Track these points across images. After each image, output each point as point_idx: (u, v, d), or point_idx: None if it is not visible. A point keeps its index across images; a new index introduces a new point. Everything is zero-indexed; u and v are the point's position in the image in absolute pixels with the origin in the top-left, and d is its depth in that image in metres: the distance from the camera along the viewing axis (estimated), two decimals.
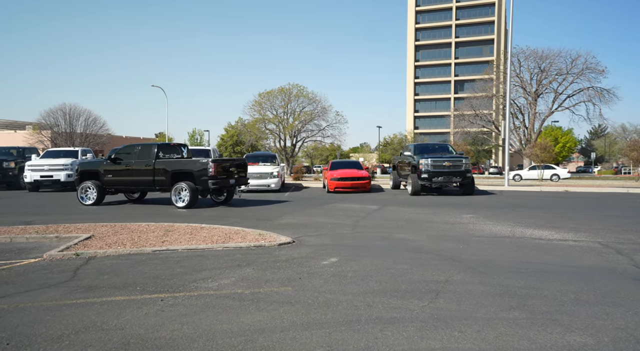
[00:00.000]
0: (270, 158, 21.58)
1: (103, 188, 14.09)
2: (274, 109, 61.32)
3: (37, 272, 5.43)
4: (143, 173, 13.59)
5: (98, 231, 8.63)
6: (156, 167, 13.47)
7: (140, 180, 13.71)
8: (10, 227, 8.87)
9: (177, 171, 13.41)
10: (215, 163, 13.13)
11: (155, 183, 13.58)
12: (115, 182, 14.05)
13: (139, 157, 13.75)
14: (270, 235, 8.43)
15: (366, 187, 19.77)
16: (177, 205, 13.27)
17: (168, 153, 14.42)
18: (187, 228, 9.14)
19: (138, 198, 15.87)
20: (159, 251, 6.91)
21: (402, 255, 6.80)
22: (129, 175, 13.81)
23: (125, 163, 13.84)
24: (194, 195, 13.11)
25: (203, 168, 13.09)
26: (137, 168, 13.65)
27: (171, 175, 13.40)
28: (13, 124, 78.87)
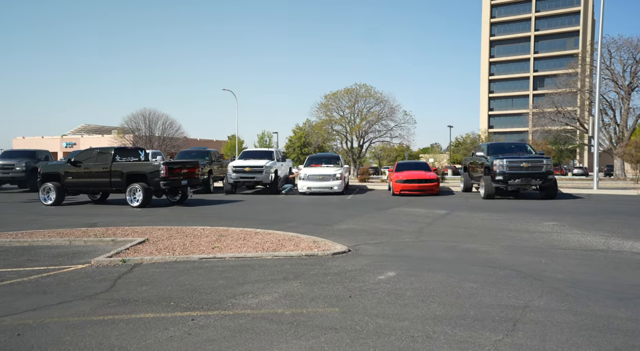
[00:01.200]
0: (334, 159, 21.06)
1: (63, 189, 14.89)
2: (340, 110, 60.91)
3: (78, 280, 5.24)
4: (101, 175, 14.50)
5: (153, 235, 8.52)
6: (112, 170, 14.37)
7: (98, 181, 14.59)
8: (73, 229, 9.01)
9: (131, 173, 14.26)
10: (166, 166, 14.13)
11: (111, 184, 14.46)
12: (74, 184, 14.90)
13: (97, 160, 14.69)
14: (325, 242, 7.85)
15: (434, 189, 18.65)
16: (131, 204, 14.03)
17: (126, 156, 15.41)
18: (241, 233, 8.81)
19: (100, 198, 16.58)
20: (206, 259, 6.56)
21: (471, 270, 5.93)
22: (87, 177, 14.69)
23: (84, 166, 14.71)
24: (147, 195, 13.93)
25: (155, 170, 14.07)
26: (95, 170, 14.56)
27: (126, 177, 14.24)
28: (101, 129, 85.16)
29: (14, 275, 5.48)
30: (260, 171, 18.84)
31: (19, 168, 19.71)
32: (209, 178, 19.71)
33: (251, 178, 18.91)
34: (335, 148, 64.01)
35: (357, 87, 60.88)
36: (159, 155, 21.70)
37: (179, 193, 15.46)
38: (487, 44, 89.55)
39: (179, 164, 14.93)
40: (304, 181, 18.90)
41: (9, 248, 7.27)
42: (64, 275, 5.51)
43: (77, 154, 15.30)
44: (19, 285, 5.00)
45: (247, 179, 18.94)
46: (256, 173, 18.84)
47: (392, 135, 59.26)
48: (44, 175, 15.15)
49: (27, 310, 4.19)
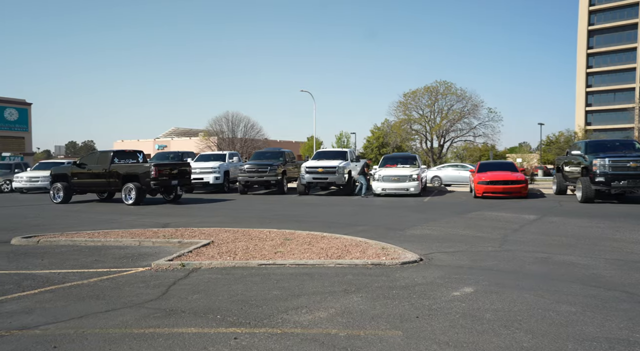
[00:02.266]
0: (410, 159, 20.12)
1: (71, 189, 16.29)
2: (419, 109, 59.08)
3: (133, 285, 5.09)
4: (101, 176, 15.80)
5: (220, 237, 8.38)
6: (111, 171, 15.60)
7: (99, 182, 15.96)
8: (145, 230, 9.15)
9: (126, 174, 15.46)
10: (156, 167, 15.19)
11: (109, 184, 15.79)
12: (80, 184, 16.32)
13: (98, 162, 15.99)
14: (394, 250, 7.19)
15: (522, 192, 17.06)
16: (126, 202, 15.26)
17: (124, 158, 16.72)
18: (307, 237, 8.41)
19: (106, 197, 17.67)
20: (265, 265, 6.21)
21: (567, 289, 5.00)
22: (90, 178, 16.05)
23: (87, 168, 16.09)
24: (140, 193, 15.15)
25: (146, 171, 15.15)
26: (97, 171, 15.89)
27: (122, 178, 15.44)
28: (189, 132, 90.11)
29: (76, 276, 5.48)
30: (334, 172, 18.45)
31: None
32: (282, 179, 19.69)
33: (324, 179, 18.58)
34: (415, 148, 62.26)
35: (437, 84, 58.54)
36: (236, 156, 22.15)
37: (172, 193, 16.49)
38: (584, 33, 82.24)
39: (169, 166, 16.26)
40: (379, 182, 18.21)
41: (83, 248, 7.45)
42: (122, 278, 5.42)
43: (82, 157, 16.85)
44: (76, 289, 4.95)
45: (320, 180, 18.64)
46: (329, 174, 18.48)
47: (475, 133, 56.37)
48: (54, 176, 16.70)
49: (74, 317, 4.05)
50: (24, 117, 36.10)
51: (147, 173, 15.08)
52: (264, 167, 19.31)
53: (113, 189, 16.12)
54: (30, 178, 21.57)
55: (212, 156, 22.18)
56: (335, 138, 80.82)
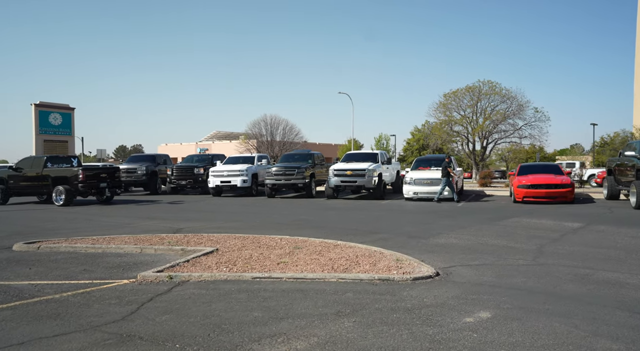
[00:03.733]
0: None
1: (7, 192, 17.43)
2: (461, 109, 57.03)
3: (105, 301, 4.62)
4: (34, 179, 17.02)
5: (227, 244, 7.89)
6: (43, 174, 16.79)
7: (32, 184, 17.23)
8: (152, 236, 8.80)
9: (56, 177, 16.68)
10: (83, 170, 16.51)
11: (42, 187, 17.09)
12: (16, 187, 17.48)
13: (32, 167, 17.17)
14: (410, 262, 6.45)
15: (567, 196, 15.70)
16: (56, 203, 16.35)
17: (57, 163, 17.63)
18: (319, 246, 7.79)
19: (46, 199, 18.37)
20: (259, 279, 5.62)
21: (610, 317, 4.13)
22: (24, 181, 17.27)
23: (22, 172, 17.25)
24: (69, 195, 16.31)
25: (75, 174, 16.44)
26: (30, 175, 17.11)
27: (53, 180, 16.62)
28: (230, 135, 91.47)
29: (52, 290, 5.09)
30: (363, 175, 17.69)
31: (140, 172, 21.22)
32: (310, 182, 19.11)
33: (353, 182, 17.85)
34: (457, 150, 60.28)
35: (480, 84, 56.50)
36: (265, 158, 21.80)
37: (105, 194, 17.53)
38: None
39: (97, 169, 17.63)
40: (410, 185, 17.30)
41: (80, 255, 7.14)
42: (98, 292, 4.97)
43: (18, 162, 18.01)
44: (41, 305, 4.52)
45: (349, 183, 17.93)
46: (358, 177, 17.73)
47: (520, 135, 53.70)
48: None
49: (13, 344, 3.58)
50: (67, 121, 37.42)
51: (76, 177, 16.39)
52: (291, 169, 18.81)
53: (45, 191, 17.37)
54: None
55: (240, 158, 21.92)
56: (374, 140, 79.57)
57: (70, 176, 16.55)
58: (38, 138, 35.04)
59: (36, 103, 35.18)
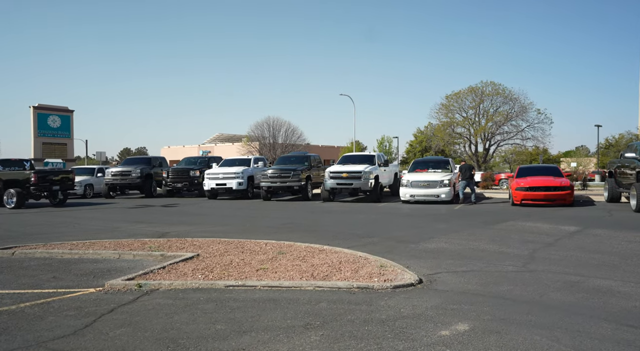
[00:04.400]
0: (442, 164, 18.79)
1: None
2: (463, 111, 56.80)
3: (62, 313, 4.38)
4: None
5: (210, 249, 7.67)
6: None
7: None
8: (135, 240, 8.58)
9: (8, 180, 16.97)
10: (35, 174, 16.81)
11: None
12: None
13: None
14: (393, 268, 6.20)
15: (566, 199, 15.38)
16: (7, 206, 16.49)
17: (9, 166, 18.49)
18: (304, 251, 7.57)
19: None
20: (232, 287, 5.39)
21: (595, 329, 3.88)
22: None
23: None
24: (20, 198, 16.51)
25: (27, 177, 16.71)
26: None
27: (4, 183, 16.83)
28: (232, 138, 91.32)
29: (10, 300, 4.86)
30: (359, 177, 17.43)
31: (135, 175, 21.05)
32: (306, 185, 18.88)
33: (349, 185, 17.60)
34: (460, 152, 59.87)
35: (482, 85, 56.19)
36: (261, 161, 21.56)
37: (58, 197, 17.78)
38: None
39: (49, 173, 17.83)
40: (407, 188, 17.02)
41: (54, 261, 6.93)
42: (58, 303, 4.74)
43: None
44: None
45: (345, 186, 17.68)
46: (354, 179, 17.48)
47: (523, 136, 53.44)
48: None
49: None
50: (66, 124, 37.41)
51: (27, 180, 16.69)
52: (287, 172, 18.58)
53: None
54: None
55: (236, 161, 21.71)
56: (377, 142, 79.19)
57: (22, 179, 16.80)
58: (37, 141, 35.04)
59: (35, 105, 35.20)
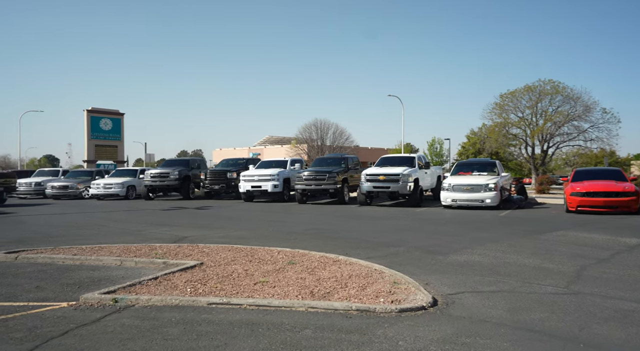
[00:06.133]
0: (488, 166, 17.43)
1: None
2: (519, 111, 53.91)
3: (7, 335, 3.90)
4: None
5: (216, 257, 7.16)
6: None
7: None
8: (142, 246, 8.22)
9: None
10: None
11: None
12: None
13: None
14: (407, 286, 5.38)
15: (630, 206, 13.70)
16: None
17: None
18: (316, 261, 6.91)
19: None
20: (215, 304, 4.78)
21: None
22: None
23: None
24: None
25: None
26: None
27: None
28: (282, 140, 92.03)
29: None
30: (397, 180, 16.48)
31: (173, 177, 21.13)
32: (342, 188, 18.12)
33: (386, 188, 16.68)
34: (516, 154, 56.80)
35: (540, 83, 53.12)
36: (298, 163, 21.09)
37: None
38: None
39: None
40: (448, 192, 15.87)
41: (51, 268, 6.64)
42: (15, 321, 4.29)
43: None
44: None
45: (382, 189, 16.77)
46: (392, 182, 16.54)
47: (586, 138, 49.91)
48: None
49: None
50: (117, 127, 38.80)
51: None
52: (322, 174, 17.92)
53: None
54: (106, 185, 22.41)
55: (273, 163, 21.31)
56: (427, 144, 76.80)
57: None
58: (90, 143, 36.53)
59: (88, 109, 36.72)
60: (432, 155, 71.72)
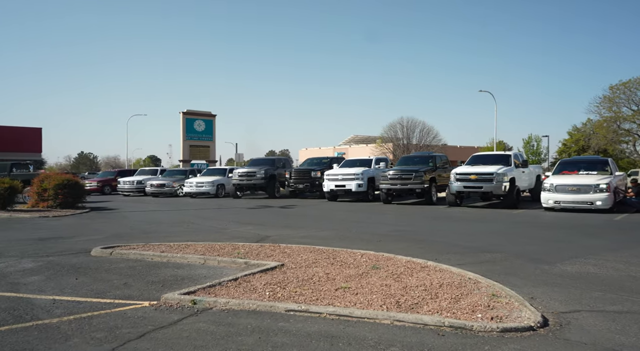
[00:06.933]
0: (599, 164, 15.53)
1: None
2: (633, 103, 48.58)
3: (89, 335, 3.86)
4: None
5: (297, 259, 6.93)
6: None
7: None
8: (225, 244, 8.23)
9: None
10: None
11: None
12: None
13: None
14: (510, 300, 4.70)
15: None
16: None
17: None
18: (402, 266, 6.42)
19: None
20: (293, 312, 4.47)
21: None
22: None
23: None
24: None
25: None
26: None
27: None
28: (367, 139, 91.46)
29: (59, 310, 4.57)
30: (490, 179, 15.27)
31: (259, 176, 21.55)
32: (430, 188, 17.22)
33: (478, 188, 15.53)
34: (628, 152, 51.25)
35: None
36: (383, 162, 20.42)
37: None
38: None
39: None
40: (549, 193, 14.36)
41: (140, 265, 6.79)
42: (99, 319, 4.30)
43: None
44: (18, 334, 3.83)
45: (473, 189, 15.64)
46: (484, 182, 15.36)
47: None
48: None
49: None
50: (209, 128, 40.82)
51: None
52: (408, 173, 17.16)
53: None
54: (198, 183, 23.47)
55: (357, 162, 20.89)
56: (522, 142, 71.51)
57: None
58: (185, 144, 38.83)
59: (184, 111, 39.05)
60: (528, 153, 66.73)
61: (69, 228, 11.31)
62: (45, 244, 8.78)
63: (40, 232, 10.66)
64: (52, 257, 7.41)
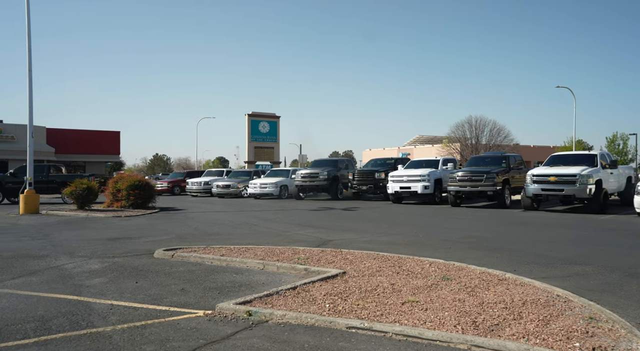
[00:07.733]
0: None
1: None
2: None
3: (140, 347, 3.67)
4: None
5: (360, 266, 6.52)
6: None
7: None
8: (285, 248, 7.99)
9: None
10: None
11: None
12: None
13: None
14: (612, 325, 4.05)
15: None
16: None
17: None
18: (477, 278, 5.86)
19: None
20: (355, 329, 4.04)
21: None
22: None
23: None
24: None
25: None
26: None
27: None
28: (433, 139, 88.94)
29: (114, 317, 4.44)
30: (573, 181, 13.94)
31: (322, 177, 21.28)
32: (502, 190, 16.07)
33: (558, 191, 14.23)
34: None
35: None
36: (451, 162, 19.43)
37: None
38: None
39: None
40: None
41: (199, 269, 6.65)
42: (152, 329, 4.09)
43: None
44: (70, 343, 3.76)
45: (553, 192, 14.37)
46: (566, 184, 14.06)
47: None
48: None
49: None
50: (274, 129, 41.31)
51: None
52: (479, 174, 16.13)
53: None
54: (261, 185, 23.65)
55: (423, 162, 20.03)
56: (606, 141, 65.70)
57: None
58: (250, 145, 39.56)
59: (249, 113, 39.81)
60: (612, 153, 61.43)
61: (137, 229, 11.61)
62: (114, 244, 8.98)
63: (111, 231, 11.01)
64: (118, 258, 7.50)
